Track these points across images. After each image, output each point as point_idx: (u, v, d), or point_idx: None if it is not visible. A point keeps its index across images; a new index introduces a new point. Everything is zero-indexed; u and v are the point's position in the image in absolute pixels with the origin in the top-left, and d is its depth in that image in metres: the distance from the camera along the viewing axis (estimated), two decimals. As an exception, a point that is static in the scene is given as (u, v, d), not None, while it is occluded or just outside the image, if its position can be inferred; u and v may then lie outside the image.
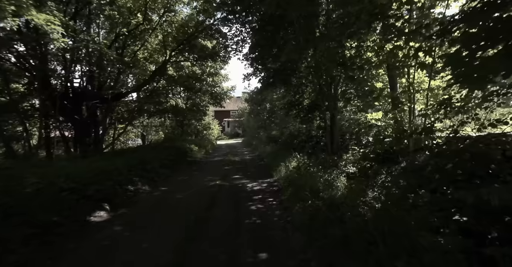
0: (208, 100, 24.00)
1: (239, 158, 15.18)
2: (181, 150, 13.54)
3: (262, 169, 10.90)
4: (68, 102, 12.11)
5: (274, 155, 13.15)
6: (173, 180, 8.83)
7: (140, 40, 13.84)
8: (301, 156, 9.78)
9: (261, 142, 20.43)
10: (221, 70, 24.03)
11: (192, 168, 11.37)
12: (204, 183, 8.26)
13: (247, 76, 14.36)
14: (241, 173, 9.99)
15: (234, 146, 26.22)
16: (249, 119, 32.97)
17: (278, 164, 9.81)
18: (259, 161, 13.55)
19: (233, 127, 43.54)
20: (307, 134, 15.86)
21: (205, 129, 25.30)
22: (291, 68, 11.94)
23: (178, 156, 12.17)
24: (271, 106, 22.95)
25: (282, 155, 12.02)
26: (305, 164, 8.55)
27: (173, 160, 11.07)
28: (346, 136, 12.80)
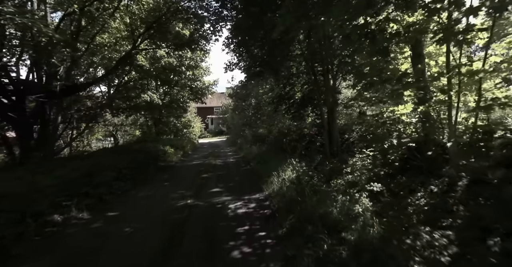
0: (188, 96, 21.59)
1: (222, 161, 12.96)
2: (151, 153, 11.19)
3: (248, 177, 8.74)
4: (3, 96, 9.53)
5: (262, 157, 11.04)
6: (129, 198, 6.53)
7: (98, 22, 11.30)
8: (297, 162, 7.70)
9: (246, 141, 18.26)
10: (202, 62, 21.68)
11: (161, 177, 9.07)
12: (171, 202, 6.03)
13: (229, 66, 12.12)
14: (222, 183, 7.81)
15: (218, 145, 23.93)
16: (233, 116, 30.67)
17: (268, 172, 7.70)
18: (244, 165, 11.38)
19: (217, 124, 41.13)
20: (298, 133, 13.85)
21: (185, 127, 22.86)
22: (281, 53, 9.80)
23: (146, 161, 9.83)
24: (257, 101, 20.77)
25: (272, 159, 9.93)
26: (305, 174, 6.47)
27: (137, 168, 8.74)
28: (346, 134, 10.84)
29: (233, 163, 12.02)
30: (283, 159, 9.24)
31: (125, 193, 6.84)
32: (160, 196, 6.58)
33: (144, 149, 11.39)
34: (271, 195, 6.14)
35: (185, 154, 15.67)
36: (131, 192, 6.97)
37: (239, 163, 11.97)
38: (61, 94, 10.62)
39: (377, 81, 4.80)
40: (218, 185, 7.69)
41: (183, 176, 9.23)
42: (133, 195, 6.76)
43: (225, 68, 12.01)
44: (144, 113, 17.25)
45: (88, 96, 13.57)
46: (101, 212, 5.37)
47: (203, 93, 21.99)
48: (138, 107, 16.05)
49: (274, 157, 10.34)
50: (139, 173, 8.80)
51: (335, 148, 9.66)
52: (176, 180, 8.65)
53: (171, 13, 12.04)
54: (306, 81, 11.87)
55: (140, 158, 9.69)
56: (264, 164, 9.24)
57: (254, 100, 21.32)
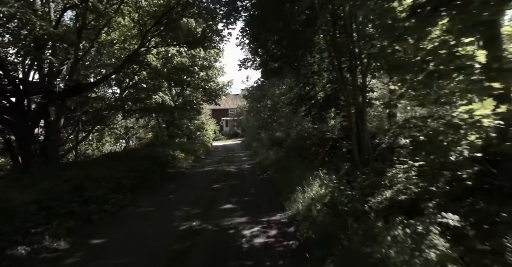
0: (201, 97, 20.62)
1: (236, 167, 11.77)
2: (159, 159, 10.14)
3: (266, 189, 7.49)
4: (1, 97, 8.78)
5: (280, 164, 9.75)
6: (124, 217, 5.41)
7: (104, 17, 10.40)
8: (324, 173, 6.38)
9: (262, 144, 17.02)
10: (216, 62, 20.70)
11: (167, 188, 7.96)
12: (172, 224, 4.86)
13: (244, 63, 10.95)
14: (236, 197, 6.59)
15: (232, 148, 22.81)
16: (248, 118, 29.55)
17: (289, 184, 6.43)
18: (261, 173, 10.14)
19: (232, 126, 40.14)
20: (319, 137, 12.50)
21: (198, 129, 21.89)
22: (303, 46, 8.52)
23: (152, 168, 8.77)
24: (272, 103, 19.51)
25: (292, 167, 8.64)
26: (339, 191, 5.17)
27: (140, 177, 7.67)
28: (376, 139, 9.42)
29: (248, 171, 10.80)
30: (305, 168, 7.97)
31: (121, 210, 5.74)
32: (161, 215, 5.43)
33: (152, 154, 10.36)
34: (295, 217, 4.87)
35: (197, 159, 14.61)
36: (128, 209, 5.86)
37: (255, 171, 10.74)
38: (63, 95, 9.75)
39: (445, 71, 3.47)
40: (231, 199, 6.48)
41: (191, 187, 8.08)
42: (130, 213, 5.64)
43: (239, 65, 10.85)
44: (156, 115, 16.34)
45: (96, 97, 12.73)
46: (84, 238, 4.26)
47: (217, 94, 20.96)
48: (148, 109, 15.16)
49: (294, 164, 9.04)
50: (143, 182, 7.74)
51: (366, 155, 8.28)
52: (183, 191, 7.51)
53: (181, 7, 11.01)
54: (329, 79, 10.54)
55: (145, 165, 8.64)
56: (283, 174, 7.96)
57: (270, 102, 20.09)
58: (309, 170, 7.41)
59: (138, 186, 7.40)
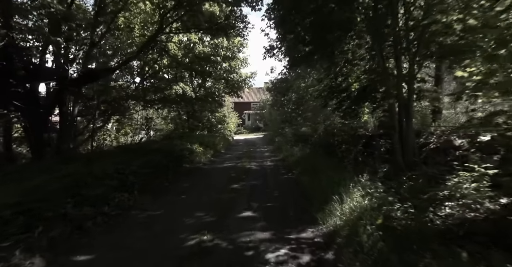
0: (224, 89, 19.72)
1: (257, 164, 10.74)
2: (175, 152, 9.32)
3: (292, 193, 6.38)
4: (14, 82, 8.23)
5: (307, 163, 8.61)
6: (123, 224, 4.50)
7: None
8: (367, 178, 5.18)
9: (285, 140, 15.86)
10: (239, 53, 19.64)
11: (180, 187, 7.07)
12: (178, 237, 3.91)
13: (269, 50, 9.80)
14: (257, 202, 5.55)
15: (254, 142, 21.83)
16: (271, 112, 28.39)
17: (321, 190, 5.30)
18: (285, 172, 9.04)
19: (254, 120, 39.16)
20: (351, 133, 11.18)
21: (219, 122, 21.06)
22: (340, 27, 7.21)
23: (165, 163, 7.93)
24: (298, 96, 18.18)
25: (322, 167, 7.49)
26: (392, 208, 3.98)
27: (151, 173, 6.83)
28: (421, 138, 8.00)
29: (271, 169, 9.73)
30: (338, 170, 6.80)
31: (123, 213, 4.87)
32: (168, 223, 4.50)
33: (167, 147, 9.56)
34: (334, 237, 3.75)
35: (217, 153, 13.74)
36: (132, 212, 4.99)
37: (278, 169, 9.65)
38: (78, 81, 9.13)
39: None
40: (251, 204, 5.45)
41: (207, 186, 7.14)
42: (132, 217, 4.77)
43: (265, 53, 9.72)
44: (176, 106, 15.62)
45: (114, 86, 12.12)
46: (66, 254, 3.39)
47: (239, 86, 19.98)
48: (168, 99, 14.42)
49: (324, 164, 7.86)
50: (154, 179, 6.90)
51: (411, 157, 6.94)
52: (197, 191, 6.58)
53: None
54: (366, 68, 9.16)
55: (158, 159, 7.81)
56: (312, 175, 6.81)
57: (295, 95, 18.79)
58: (344, 172, 6.25)
59: (148, 183, 6.55)
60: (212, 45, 17.08)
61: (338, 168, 7.17)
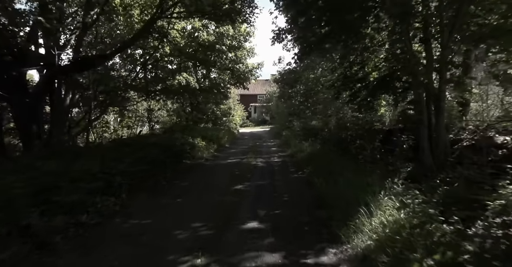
0: (229, 80, 18.73)
1: (264, 160, 9.86)
2: (175, 147, 8.49)
3: (305, 198, 5.47)
4: None
5: (320, 161, 7.69)
6: (104, 235, 3.66)
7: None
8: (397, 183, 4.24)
9: (294, 134, 14.93)
10: (245, 42, 18.56)
11: (177, 187, 6.24)
12: (165, 260, 3.08)
13: (279, 34, 8.78)
14: (264, 209, 4.68)
15: (260, 136, 20.94)
16: (278, 105, 27.36)
17: (341, 198, 4.39)
18: (295, 170, 8.15)
19: (260, 113, 38.16)
20: (366, 128, 10.20)
21: (224, 115, 20.17)
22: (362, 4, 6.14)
23: (162, 159, 7.11)
24: (306, 88, 17.09)
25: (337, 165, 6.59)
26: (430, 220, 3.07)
27: (144, 170, 6.00)
28: (450, 134, 6.99)
29: (278, 166, 8.85)
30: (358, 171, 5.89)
31: (104, 222, 4.04)
32: (156, 236, 3.66)
33: (167, 141, 8.74)
34: (366, 264, 2.86)
35: (221, 147, 12.89)
36: (115, 221, 4.16)
37: (287, 166, 8.76)
38: (70, 68, 8.30)
39: None
40: (257, 212, 4.58)
41: (208, 187, 6.30)
42: (114, 228, 3.93)
43: (273, 37, 8.70)
44: (179, 97, 14.76)
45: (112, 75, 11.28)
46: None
47: (245, 77, 18.97)
48: (170, 90, 13.54)
49: (339, 163, 6.94)
50: (148, 177, 6.08)
51: (442, 156, 5.97)
52: (196, 193, 5.74)
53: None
54: (388, 55, 8.11)
55: (154, 154, 6.98)
56: (327, 176, 5.88)
57: (303, 87, 17.70)
58: (365, 174, 5.34)
59: (142, 183, 5.75)
60: (217, 33, 16.06)
61: (357, 168, 6.24)
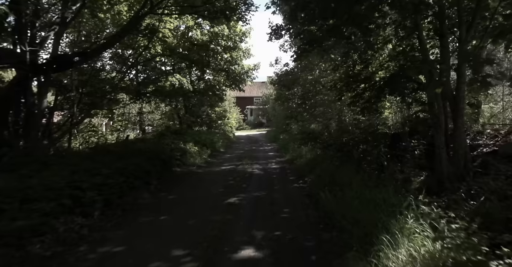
0: (224, 82, 18.00)
1: (260, 166, 9.10)
2: (164, 154, 7.71)
3: (309, 215, 4.66)
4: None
5: (321, 169, 6.93)
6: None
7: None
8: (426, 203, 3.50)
9: (292, 137, 14.22)
10: (241, 43, 17.88)
11: (163, 202, 5.44)
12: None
13: (276, 31, 8.06)
14: (261, 231, 3.92)
15: (256, 139, 20.20)
16: (275, 107, 26.66)
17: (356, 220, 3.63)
18: (295, 178, 7.40)
19: (257, 115, 37.42)
20: (370, 131, 9.54)
21: (220, 118, 19.39)
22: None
23: (146, 169, 6.31)
24: (304, 90, 16.39)
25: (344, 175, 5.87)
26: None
27: (123, 183, 5.20)
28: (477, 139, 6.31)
29: (277, 173, 8.09)
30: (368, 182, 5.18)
31: (60, 254, 3.22)
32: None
33: (155, 147, 7.95)
34: None
35: (215, 152, 12.11)
36: (77, 250, 3.34)
37: (286, 174, 8.01)
38: (47, 67, 7.48)
39: None
40: (254, 234, 3.81)
41: (197, 200, 5.51)
42: (72, 263, 3.12)
43: (271, 33, 7.99)
44: (171, 100, 13.96)
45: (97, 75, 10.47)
46: None
47: (241, 79, 18.26)
48: (162, 92, 12.72)
49: (344, 172, 6.20)
50: (128, 191, 5.28)
51: (461, 164, 5.26)
52: (182, 210, 4.95)
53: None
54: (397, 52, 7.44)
55: (138, 163, 6.18)
56: (332, 187, 5.13)
57: (301, 89, 16.99)
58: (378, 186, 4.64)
59: (120, 198, 4.94)
60: (212, 33, 15.34)
61: (364, 178, 5.52)
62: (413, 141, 6.89)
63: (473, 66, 4.88)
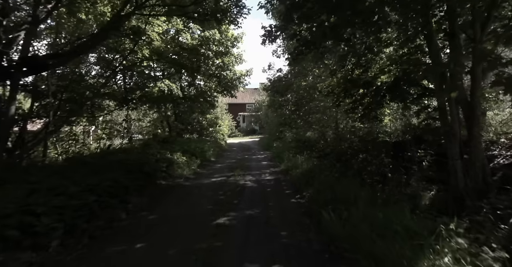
0: (215, 88, 17.34)
1: (254, 178, 8.38)
2: (148, 165, 6.93)
3: (313, 241, 3.95)
4: None
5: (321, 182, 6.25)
6: None
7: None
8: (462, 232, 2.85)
9: (286, 146, 13.57)
10: (233, 48, 17.32)
11: (140, 223, 4.66)
12: None
13: (270, 33, 7.46)
14: (255, 265, 3.21)
15: (249, 147, 19.48)
16: (267, 114, 26.08)
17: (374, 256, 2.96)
18: (291, 192, 6.70)
19: (249, 122, 36.78)
20: (369, 139, 8.99)
21: (211, 125, 18.65)
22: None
23: (128, 183, 5.54)
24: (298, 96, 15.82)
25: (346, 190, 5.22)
26: None
27: (95, 203, 4.43)
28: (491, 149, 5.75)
29: (271, 186, 7.38)
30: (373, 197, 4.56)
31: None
32: None
33: (137, 158, 7.16)
34: None
35: (205, 161, 11.35)
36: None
37: (281, 187, 7.31)
38: (16, 70, 6.69)
39: None
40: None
41: (180, 220, 4.75)
42: None
43: (264, 35, 7.36)
44: (159, 106, 13.21)
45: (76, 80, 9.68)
46: None
47: (233, 85, 17.63)
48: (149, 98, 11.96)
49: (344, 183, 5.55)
50: (100, 212, 4.50)
51: (479, 179, 4.67)
52: (163, 234, 4.19)
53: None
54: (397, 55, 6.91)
55: (114, 177, 5.40)
56: (334, 203, 4.47)
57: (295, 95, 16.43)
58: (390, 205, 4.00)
59: (88, 222, 4.17)
60: (203, 38, 14.73)
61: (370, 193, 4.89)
62: (419, 150, 6.29)
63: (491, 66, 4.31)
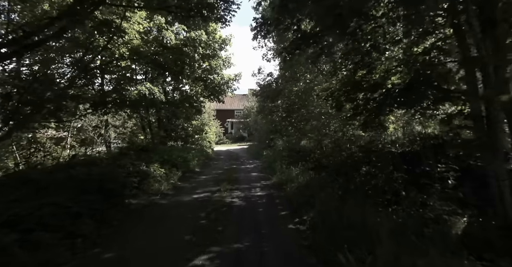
0: (202, 92, 16.18)
1: (243, 194, 7.17)
2: (114, 182, 5.64)
3: None
4: None
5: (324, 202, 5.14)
6: None
7: None
8: None
9: (277, 154, 12.46)
10: (221, 51, 16.31)
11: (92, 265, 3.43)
12: None
13: (261, 26, 6.42)
14: None
15: (237, 156, 18.25)
16: (257, 120, 25.01)
17: None
18: (289, 214, 5.54)
19: (238, 129, 35.58)
20: (372, 150, 8.00)
21: (196, 132, 17.37)
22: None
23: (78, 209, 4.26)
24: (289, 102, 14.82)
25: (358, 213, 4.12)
26: None
27: (16, 242, 3.15)
28: None
29: (264, 206, 6.18)
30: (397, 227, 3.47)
31: None
32: None
33: (102, 172, 5.85)
34: None
35: (188, 172, 10.06)
36: None
37: (276, 206, 6.14)
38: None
39: None
40: None
41: (146, 263, 3.52)
42: None
43: (255, 28, 6.33)
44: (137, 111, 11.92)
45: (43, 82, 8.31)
46: None
47: (221, 89, 16.54)
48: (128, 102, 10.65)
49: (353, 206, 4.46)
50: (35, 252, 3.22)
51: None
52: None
53: None
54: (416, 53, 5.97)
55: (61, 201, 4.12)
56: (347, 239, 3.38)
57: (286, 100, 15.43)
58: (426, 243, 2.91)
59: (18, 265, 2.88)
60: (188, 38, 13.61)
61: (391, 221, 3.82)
62: (439, 165, 5.29)
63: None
